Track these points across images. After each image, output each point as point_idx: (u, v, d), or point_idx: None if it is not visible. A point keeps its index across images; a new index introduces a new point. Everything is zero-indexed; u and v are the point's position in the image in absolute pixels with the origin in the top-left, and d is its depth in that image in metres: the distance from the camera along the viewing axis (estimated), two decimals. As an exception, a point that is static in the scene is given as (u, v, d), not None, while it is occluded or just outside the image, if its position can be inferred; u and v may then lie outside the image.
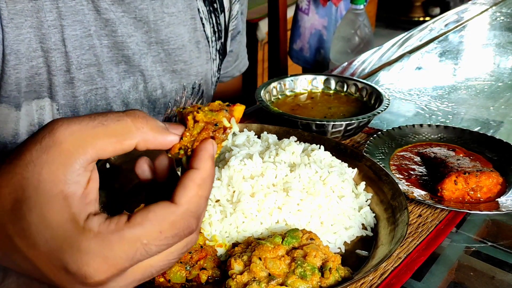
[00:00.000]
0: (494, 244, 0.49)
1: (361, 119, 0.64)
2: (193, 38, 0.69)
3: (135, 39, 0.62)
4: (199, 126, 0.31)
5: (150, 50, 0.64)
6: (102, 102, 0.61)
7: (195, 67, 0.70)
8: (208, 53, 0.73)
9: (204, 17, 0.71)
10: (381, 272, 0.44)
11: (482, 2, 1.49)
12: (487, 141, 0.64)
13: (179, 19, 0.66)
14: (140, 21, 0.62)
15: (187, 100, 0.71)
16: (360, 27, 1.27)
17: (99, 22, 0.58)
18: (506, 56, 1.08)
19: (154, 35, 0.63)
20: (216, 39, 0.74)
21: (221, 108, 0.32)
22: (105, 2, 0.58)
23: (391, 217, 0.49)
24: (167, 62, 0.66)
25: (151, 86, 0.66)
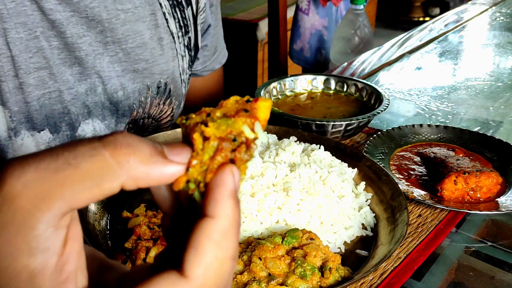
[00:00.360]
0: (493, 244, 0.49)
1: (361, 119, 0.64)
2: (154, 35, 0.65)
3: (88, 40, 0.58)
4: (211, 147, 0.21)
5: (106, 50, 0.60)
6: (58, 106, 0.58)
7: (159, 65, 0.66)
8: (174, 50, 0.69)
9: (167, 12, 0.67)
10: (381, 272, 0.44)
11: (481, 2, 1.49)
12: (486, 141, 0.65)
13: (136, 16, 0.63)
14: (93, 20, 0.58)
15: (152, 100, 0.68)
16: (360, 27, 1.27)
17: (45, 23, 0.55)
18: (505, 56, 1.08)
19: (110, 34, 0.60)
20: (183, 34, 0.70)
21: (239, 109, 0.22)
22: (50, 3, 0.54)
23: (391, 217, 0.49)
24: (126, 62, 0.63)
25: (111, 88, 0.62)
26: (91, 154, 0.19)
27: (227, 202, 0.20)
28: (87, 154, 0.19)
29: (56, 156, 0.19)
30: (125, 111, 0.65)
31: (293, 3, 1.76)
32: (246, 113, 0.22)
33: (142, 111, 0.67)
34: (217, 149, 0.21)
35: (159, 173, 0.20)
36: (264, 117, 0.22)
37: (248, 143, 0.21)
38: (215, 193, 0.20)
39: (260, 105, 0.22)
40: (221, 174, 0.21)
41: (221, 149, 0.21)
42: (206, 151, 0.21)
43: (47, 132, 0.58)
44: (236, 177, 0.21)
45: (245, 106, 0.22)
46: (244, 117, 0.22)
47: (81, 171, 0.19)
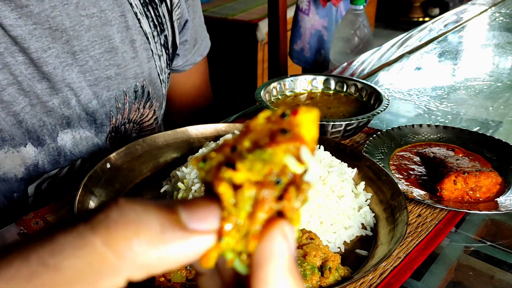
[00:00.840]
0: (493, 244, 0.49)
1: (361, 119, 0.64)
2: (126, 37, 0.62)
3: (54, 52, 0.56)
4: (247, 199, 0.15)
5: (75, 59, 0.57)
6: (34, 121, 0.56)
7: (132, 68, 0.63)
8: (149, 51, 0.66)
9: (139, 12, 0.63)
10: (381, 272, 0.44)
11: (481, 2, 1.49)
12: (486, 141, 0.65)
13: (103, 20, 0.60)
14: (57, 31, 0.55)
15: (131, 106, 0.65)
16: (359, 28, 1.27)
17: (7, 39, 0.53)
18: (505, 57, 1.08)
19: (76, 43, 0.57)
20: (158, 33, 0.66)
21: (274, 130, 0.16)
22: (8, 18, 0.52)
23: (391, 217, 0.49)
24: (98, 70, 0.60)
25: (85, 98, 0.60)
26: (77, 246, 0.14)
27: (282, 282, 0.15)
28: (70, 247, 0.14)
29: (27, 255, 0.14)
30: (103, 120, 0.62)
31: (293, 3, 1.76)
32: (286, 136, 0.15)
33: (121, 117, 0.65)
34: (256, 201, 0.15)
35: (179, 254, 0.15)
36: (311, 137, 0.15)
37: (298, 182, 0.15)
38: (264, 272, 0.15)
39: (303, 120, 0.15)
40: (268, 242, 0.15)
41: (262, 201, 0.15)
42: (241, 206, 0.15)
43: (30, 146, 0.56)
44: (290, 241, 0.15)
45: (282, 124, 0.15)
46: (284, 142, 0.15)
47: (64, 274, 0.14)
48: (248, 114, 0.77)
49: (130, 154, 0.58)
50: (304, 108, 0.16)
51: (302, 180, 0.15)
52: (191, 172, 0.52)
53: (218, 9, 2.12)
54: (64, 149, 0.60)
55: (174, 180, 0.55)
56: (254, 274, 0.15)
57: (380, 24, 3.38)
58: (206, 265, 0.15)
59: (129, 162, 0.58)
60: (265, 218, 0.15)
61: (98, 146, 0.64)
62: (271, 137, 0.15)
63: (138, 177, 0.58)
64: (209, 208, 0.15)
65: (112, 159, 0.56)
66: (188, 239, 0.15)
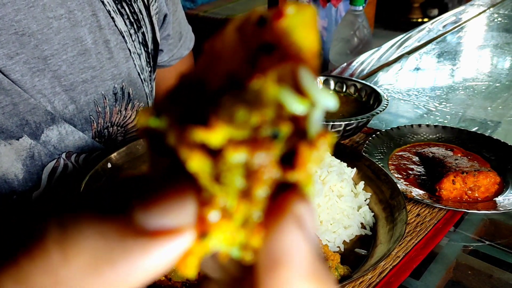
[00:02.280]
0: (491, 243, 0.50)
1: (360, 119, 0.64)
2: (99, 38, 0.58)
3: (22, 58, 0.52)
4: (233, 170, 0.10)
5: (47, 65, 0.54)
6: (15, 119, 0.52)
7: (109, 70, 0.60)
8: (126, 50, 0.62)
9: (112, 10, 0.59)
10: (380, 271, 0.44)
11: (479, 3, 1.49)
12: (484, 141, 0.65)
13: (73, 21, 0.56)
14: (24, 35, 0.51)
15: (112, 109, 0.62)
16: (359, 28, 1.28)
17: None
18: (503, 57, 1.08)
19: (47, 47, 0.53)
20: (135, 30, 0.63)
21: (252, 49, 0.10)
22: None
23: (390, 216, 0.49)
24: (72, 74, 0.56)
25: (60, 105, 0.56)
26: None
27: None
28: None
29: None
30: (83, 125, 0.59)
31: (292, 4, 1.76)
32: (272, 55, 0.10)
33: (103, 121, 0.62)
34: (248, 172, 0.10)
35: (137, 271, 0.11)
36: (310, 49, 0.11)
37: (305, 129, 0.10)
38: (276, 279, 0.11)
39: (293, 23, 0.10)
40: (278, 238, 0.11)
41: (258, 170, 0.10)
42: (228, 182, 0.10)
43: (26, 138, 0.54)
44: (308, 229, 0.11)
45: (262, 36, 0.10)
46: (272, 67, 0.10)
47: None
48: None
49: (131, 154, 0.58)
50: (292, 4, 0.10)
51: (309, 124, 0.10)
52: (191, 172, 0.52)
53: (219, 10, 2.12)
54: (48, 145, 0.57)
55: (174, 180, 0.55)
56: (262, 282, 0.11)
57: (380, 25, 3.39)
58: (186, 274, 0.11)
59: (130, 162, 0.58)
60: (267, 196, 0.10)
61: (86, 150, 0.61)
62: (251, 61, 0.09)
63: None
64: (176, 194, 0.11)
65: (113, 158, 0.56)
66: (146, 247, 0.11)
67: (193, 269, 0.11)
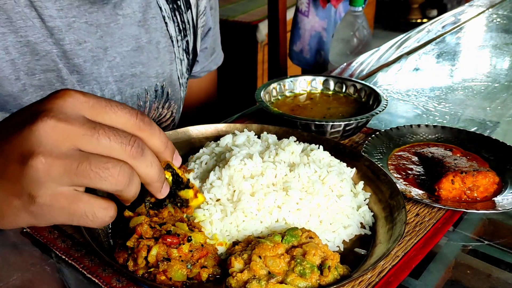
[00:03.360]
0: (490, 243, 0.50)
1: (360, 119, 0.64)
2: (153, 38, 0.65)
3: (88, 46, 0.58)
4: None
5: (106, 55, 0.60)
6: None
7: (154, 68, 0.66)
8: (172, 53, 0.69)
9: (167, 16, 0.67)
10: (379, 270, 0.44)
11: (478, 4, 1.50)
12: (483, 141, 0.65)
13: (134, 20, 0.62)
14: (92, 25, 0.58)
15: (151, 104, 0.68)
16: (358, 29, 1.28)
17: (45, 30, 0.55)
18: (502, 58, 1.09)
19: (109, 39, 0.60)
20: (182, 37, 0.70)
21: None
22: (50, 10, 0.54)
23: (389, 216, 0.49)
24: (123, 66, 0.63)
25: (108, 94, 0.61)
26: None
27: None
28: None
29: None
30: None
31: (292, 4, 1.77)
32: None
33: None
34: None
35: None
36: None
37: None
38: None
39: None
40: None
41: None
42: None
43: None
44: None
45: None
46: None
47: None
48: (249, 115, 0.78)
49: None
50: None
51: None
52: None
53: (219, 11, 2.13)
54: None
55: (174, 180, 0.55)
56: None
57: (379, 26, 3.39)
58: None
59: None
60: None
61: None
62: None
63: (139, 177, 0.58)
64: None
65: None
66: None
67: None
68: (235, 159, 0.50)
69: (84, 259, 0.44)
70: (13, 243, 0.46)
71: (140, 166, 0.33)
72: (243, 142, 0.56)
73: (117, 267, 0.41)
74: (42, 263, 0.44)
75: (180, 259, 0.41)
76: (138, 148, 0.32)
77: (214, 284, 0.42)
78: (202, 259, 0.42)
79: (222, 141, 0.57)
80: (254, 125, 0.64)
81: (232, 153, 0.52)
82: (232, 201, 0.48)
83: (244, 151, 0.52)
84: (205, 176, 0.51)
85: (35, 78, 0.55)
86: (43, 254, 0.45)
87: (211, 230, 0.46)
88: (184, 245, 0.42)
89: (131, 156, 0.31)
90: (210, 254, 0.43)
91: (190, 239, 0.42)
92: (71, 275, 0.43)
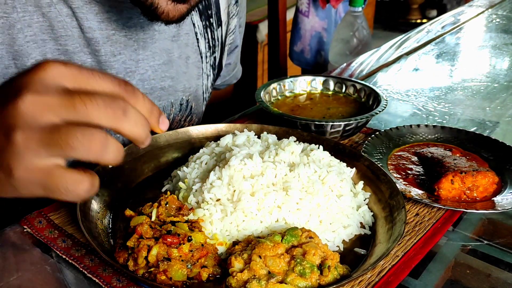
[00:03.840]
0: (490, 243, 0.50)
1: (360, 119, 0.64)
2: (183, 53, 0.67)
3: (122, 58, 0.60)
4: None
5: (138, 68, 0.62)
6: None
7: (182, 82, 0.68)
8: (200, 69, 0.71)
9: (199, 32, 0.69)
10: (379, 270, 0.44)
11: (478, 4, 1.50)
12: (483, 141, 0.65)
13: (168, 35, 0.64)
14: (130, 39, 0.60)
15: (175, 117, 0.69)
16: (358, 29, 1.28)
17: (82, 40, 0.56)
18: (502, 58, 1.09)
19: (142, 52, 0.61)
20: (210, 54, 0.72)
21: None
22: (90, 21, 0.56)
23: (389, 216, 0.49)
24: (154, 80, 0.64)
25: None
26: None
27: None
28: None
29: None
30: None
31: (292, 5, 1.77)
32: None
33: None
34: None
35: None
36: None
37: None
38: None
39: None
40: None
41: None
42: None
43: None
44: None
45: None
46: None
47: None
48: (249, 115, 0.78)
49: (132, 154, 0.59)
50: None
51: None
52: (192, 171, 0.53)
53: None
54: None
55: (175, 180, 0.55)
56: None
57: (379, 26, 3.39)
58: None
59: (131, 162, 0.58)
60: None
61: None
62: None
63: (140, 176, 0.58)
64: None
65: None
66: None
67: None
68: (235, 159, 0.50)
69: (84, 258, 0.44)
70: (13, 243, 0.46)
71: (124, 126, 0.32)
72: (243, 142, 0.56)
73: (118, 267, 0.41)
74: (42, 263, 0.44)
75: (181, 259, 0.41)
76: (119, 109, 0.31)
77: (214, 283, 0.42)
78: (202, 259, 0.43)
79: (222, 141, 0.57)
80: (254, 125, 0.64)
81: (232, 153, 0.52)
82: (232, 201, 0.48)
83: (244, 151, 0.52)
84: (205, 176, 0.51)
85: None
86: (43, 254, 0.45)
87: (211, 230, 0.46)
88: (184, 245, 0.42)
89: (113, 118, 0.31)
90: (210, 254, 0.44)
91: (190, 239, 0.42)
92: (72, 274, 0.43)
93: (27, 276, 0.43)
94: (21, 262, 0.44)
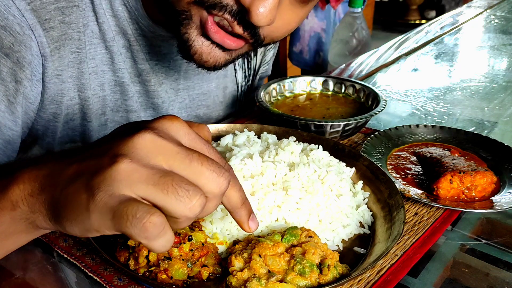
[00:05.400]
0: (488, 242, 0.50)
1: (359, 119, 0.65)
2: (221, 83, 0.70)
3: (165, 87, 0.62)
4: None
5: (177, 96, 0.65)
6: None
7: (217, 111, 0.71)
8: (236, 98, 0.74)
9: (238, 63, 0.71)
10: (378, 269, 0.45)
11: (477, 5, 1.51)
12: (481, 141, 0.66)
13: None
14: (172, 70, 0.62)
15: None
16: (357, 30, 1.28)
17: (134, 70, 0.59)
18: (500, 58, 1.09)
19: (182, 82, 0.64)
20: (245, 83, 0.75)
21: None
22: (142, 53, 0.58)
23: (388, 215, 0.50)
24: (191, 108, 0.67)
25: None
26: None
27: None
28: None
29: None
30: None
31: (291, 5, 1.77)
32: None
33: None
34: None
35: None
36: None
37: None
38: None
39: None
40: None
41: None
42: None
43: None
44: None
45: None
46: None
47: None
48: (248, 115, 0.78)
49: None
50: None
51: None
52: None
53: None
54: None
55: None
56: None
57: (378, 27, 3.40)
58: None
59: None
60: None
61: None
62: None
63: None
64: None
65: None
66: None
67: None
68: (235, 159, 0.50)
69: (85, 258, 0.45)
70: (14, 243, 0.46)
71: (223, 200, 0.34)
72: (243, 142, 0.56)
73: (119, 266, 0.41)
74: (44, 262, 0.45)
75: (181, 258, 0.41)
76: (225, 182, 0.31)
77: (215, 282, 0.43)
78: (203, 258, 0.43)
79: (223, 141, 0.57)
80: (254, 125, 0.64)
81: (232, 153, 0.52)
82: (232, 201, 0.48)
83: (244, 151, 0.52)
84: (206, 176, 0.51)
85: (118, 114, 0.59)
86: (44, 253, 0.46)
87: (211, 229, 0.47)
88: (184, 244, 0.42)
89: (217, 187, 0.31)
90: (210, 253, 0.44)
91: (191, 238, 0.43)
92: (73, 274, 0.43)
93: (28, 275, 0.43)
94: (22, 262, 0.44)
